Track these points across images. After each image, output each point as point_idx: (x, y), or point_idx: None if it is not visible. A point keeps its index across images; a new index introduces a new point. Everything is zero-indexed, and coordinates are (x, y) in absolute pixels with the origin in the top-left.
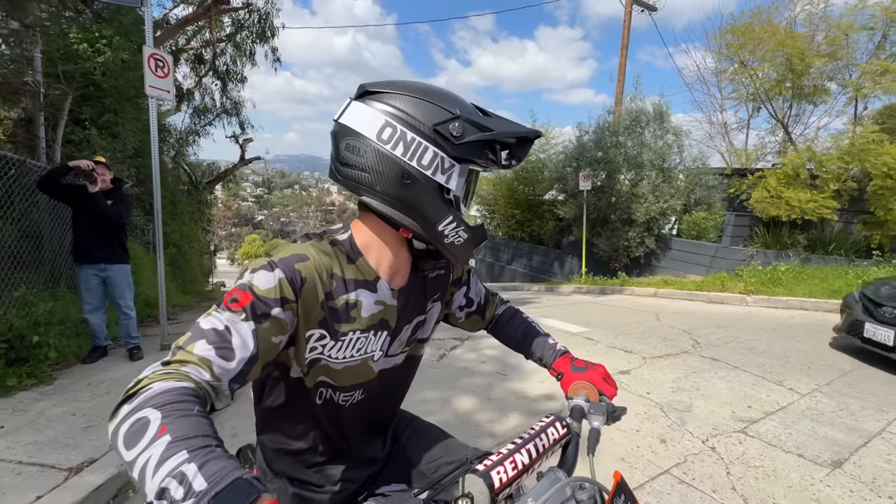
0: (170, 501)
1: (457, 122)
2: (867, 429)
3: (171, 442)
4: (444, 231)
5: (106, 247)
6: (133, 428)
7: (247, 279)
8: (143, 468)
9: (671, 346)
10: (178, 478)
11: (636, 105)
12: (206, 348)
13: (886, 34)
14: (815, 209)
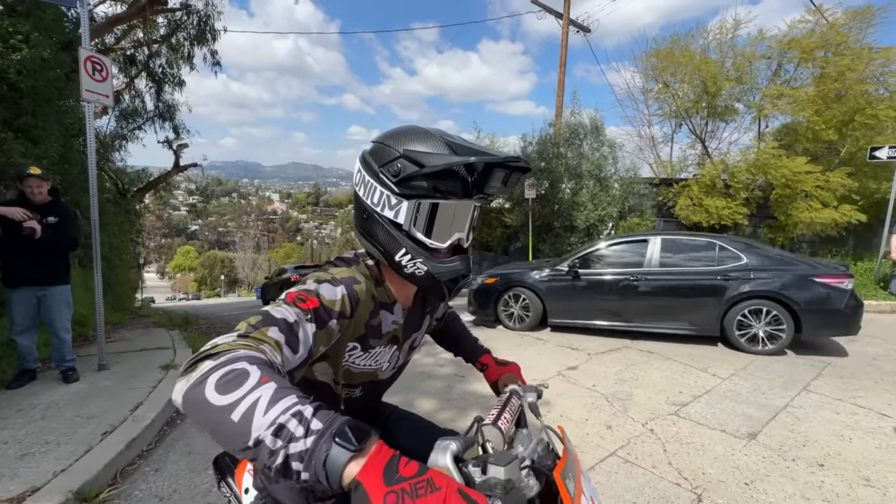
0: (287, 437)
1: (398, 161)
2: (775, 404)
3: (277, 388)
4: (402, 262)
5: (44, 268)
6: (229, 376)
7: (312, 286)
8: (252, 406)
9: (612, 342)
10: (297, 417)
11: (575, 119)
12: (280, 336)
13: (781, 63)
14: (729, 215)
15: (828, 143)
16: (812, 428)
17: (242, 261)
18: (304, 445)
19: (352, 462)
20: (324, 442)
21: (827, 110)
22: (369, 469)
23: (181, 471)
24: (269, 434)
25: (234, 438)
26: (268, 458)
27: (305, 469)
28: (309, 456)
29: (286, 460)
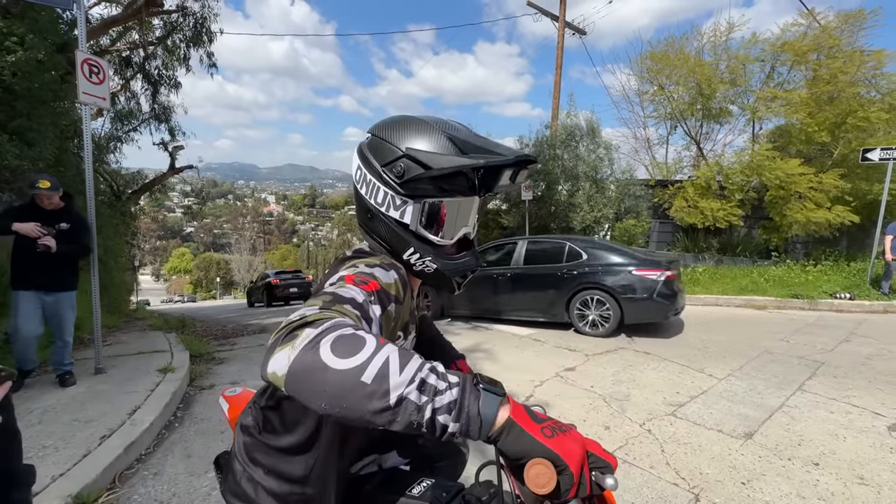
0: (432, 391)
1: (401, 161)
2: (770, 404)
3: (400, 349)
4: (410, 260)
5: (54, 273)
6: (343, 340)
7: (365, 269)
8: (384, 366)
9: (609, 343)
10: (434, 372)
11: (571, 121)
12: (355, 312)
13: (774, 66)
14: (724, 217)
15: (821, 145)
16: (807, 427)
17: (238, 263)
18: (452, 396)
19: (502, 407)
20: (470, 392)
21: (820, 112)
22: (517, 412)
23: (180, 474)
24: (413, 390)
25: (368, 401)
26: (413, 415)
27: (455, 419)
28: (459, 406)
29: (433, 414)
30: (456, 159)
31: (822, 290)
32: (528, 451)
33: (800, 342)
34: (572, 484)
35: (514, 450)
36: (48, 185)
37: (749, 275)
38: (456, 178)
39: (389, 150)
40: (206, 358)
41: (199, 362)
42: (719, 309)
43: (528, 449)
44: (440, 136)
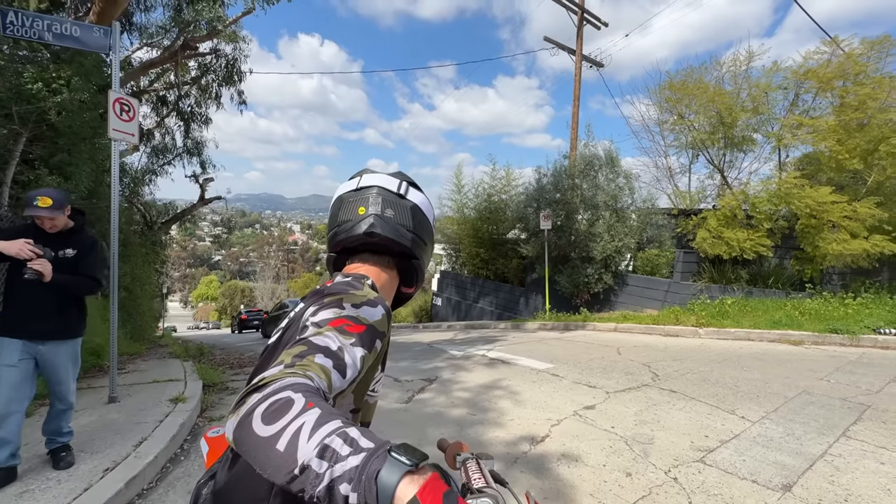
0: (333, 457)
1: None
2: (811, 452)
3: (322, 413)
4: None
5: (54, 318)
6: (274, 406)
7: (351, 312)
8: (296, 433)
9: (632, 379)
10: (342, 437)
11: (589, 150)
12: (326, 361)
13: (798, 93)
14: (751, 247)
15: (853, 173)
16: (854, 480)
17: (262, 290)
18: (355, 462)
19: (406, 478)
20: (376, 458)
21: (849, 139)
22: (429, 491)
23: None
24: (314, 457)
25: (280, 468)
26: (313, 483)
27: (354, 489)
28: (359, 473)
29: (331, 483)
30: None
31: (864, 324)
32: None
33: (842, 382)
34: None
35: None
36: (48, 202)
37: (783, 307)
38: None
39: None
40: (220, 387)
41: (211, 392)
42: (751, 344)
43: None
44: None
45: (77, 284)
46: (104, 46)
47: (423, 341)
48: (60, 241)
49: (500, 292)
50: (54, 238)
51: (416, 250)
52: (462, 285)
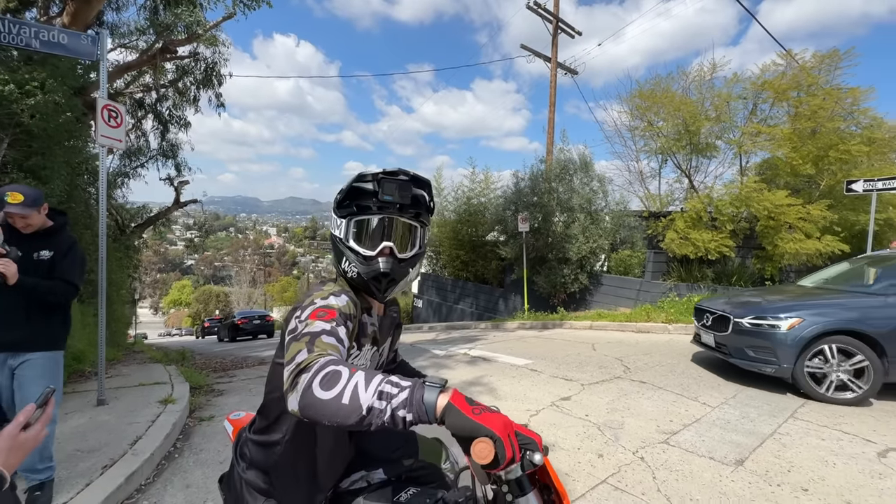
0: (388, 397)
1: (339, 194)
2: (763, 431)
3: (366, 373)
4: (344, 268)
5: (23, 327)
6: (327, 377)
7: (321, 303)
8: (354, 390)
9: (606, 372)
10: (389, 383)
11: (564, 155)
12: (329, 339)
13: (756, 103)
14: (716, 248)
15: (807, 177)
16: (798, 454)
17: (238, 295)
18: (404, 395)
19: (441, 395)
20: (417, 389)
21: (803, 146)
22: (456, 398)
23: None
24: (375, 400)
25: (350, 414)
26: (380, 416)
27: (409, 411)
28: (409, 401)
29: (393, 412)
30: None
31: None
32: (462, 426)
33: None
34: (504, 452)
35: (455, 426)
36: (19, 198)
37: None
38: (361, 197)
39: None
40: (206, 390)
41: (198, 394)
42: None
43: (463, 424)
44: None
45: (50, 289)
46: (91, 54)
47: (406, 342)
48: (36, 243)
49: (481, 293)
50: (29, 239)
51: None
52: (443, 287)
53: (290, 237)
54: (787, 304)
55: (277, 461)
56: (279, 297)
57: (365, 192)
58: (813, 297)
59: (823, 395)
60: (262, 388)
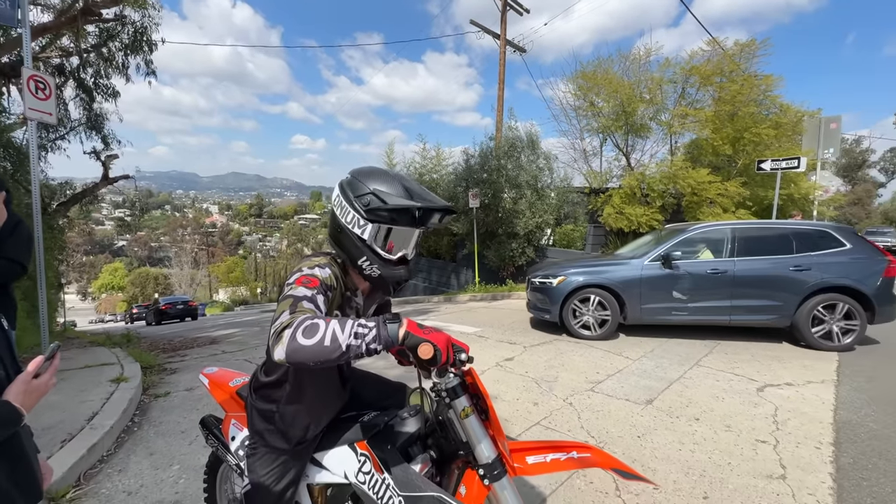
0: (361, 336)
1: (368, 195)
2: (671, 377)
3: (339, 320)
4: (363, 265)
5: None
6: (307, 329)
7: (307, 271)
8: (333, 334)
9: (546, 335)
10: (360, 326)
11: (513, 133)
12: (309, 305)
13: (685, 87)
14: (647, 221)
15: (727, 157)
16: (696, 393)
17: (179, 277)
18: (374, 333)
19: (400, 327)
20: (382, 327)
21: (723, 128)
22: (411, 326)
23: (145, 469)
24: (351, 339)
25: (332, 352)
26: (356, 350)
27: (378, 343)
28: (378, 336)
29: (367, 346)
30: (404, 201)
31: None
32: (415, 341)
33: (704, 328)
34: (441, 352)
35: (411, 343)
36: None
37: None
38: (403, 213)
39: (361, 187)
40: (158, 369)
41: (150, 374)
42: None
43: (415, 340)
44: (398, 184)
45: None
46: (11, 18)
47: None
48: None
49: (434, 268)
50: None
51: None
52: None
53: (234, 215)
54: (562, 267)
55: (281, 399)
56: (225, 279)
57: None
58: (586, 261)
59: (578, 332)
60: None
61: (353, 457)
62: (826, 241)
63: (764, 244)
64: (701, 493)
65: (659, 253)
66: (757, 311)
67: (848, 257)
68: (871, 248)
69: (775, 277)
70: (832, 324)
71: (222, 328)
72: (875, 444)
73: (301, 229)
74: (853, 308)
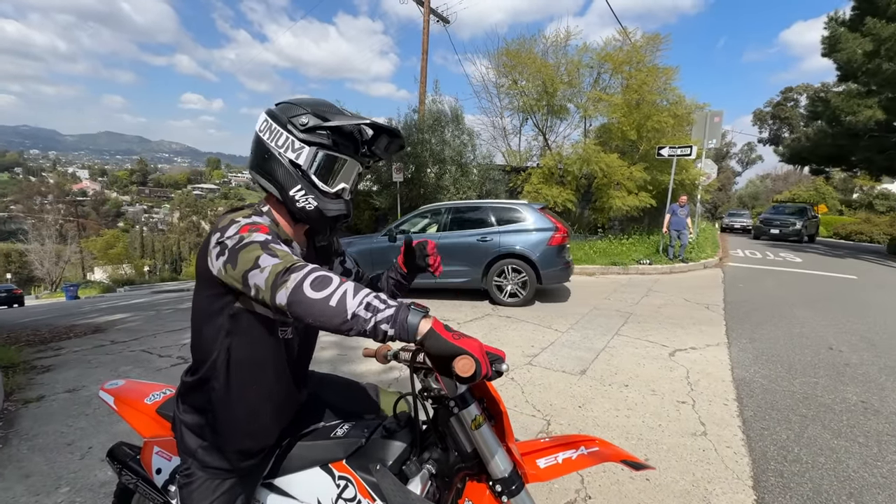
0: (374, 309)
1: (306, 115)
2: (597, 347)
3: (355, 285)
4: (295, 196)
5: None
6: (318, 280)
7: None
8: (343, 295)
9: (477, 311)
10: (376, 298)
11: (437, 106)
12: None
13: (600, 72)
14: (563, 201)
15: (631, 142)
16: (621, 361)
17: (40, 254)
18: (389, 312)
19: (423, 320)
20: (402, 310)
21: (630, 115)
22: (437, 325)
23: (20, 497)
24: (361, 309)
25: (335, 316)
26: (362, 324)
27: (391, 326)
28: (394, 318)
29: (376, 324)
30: (348, 118)
31: (632, 258)
32: (442, 348)
33: (617, 299)
34: (481, 367)
35: (435, 348)
36: None
37: (583, 248)
38: (346, 138)
39: (297, 109)
40: (24, 367)
41: (13, 373)
42: None
43: (443, 347)
44: (336, 107)
45: None
46: None
47: None
48: None
49: None
50: None
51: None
52: None
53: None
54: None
55: (213, 403)
56: (103, 255)
57: (344, 131)
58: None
59: None
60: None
61: (329, 481)
62: (514, 215)
63: (468, 219)
64: (642, 455)
65: (389, 228)
66: (457, 274)
67: (525, 229)
68: (544, 220)
69: (468, 245)
70: (510, 284)
71: (106, 313)
72: (767, 398)
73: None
74: (525, 270)
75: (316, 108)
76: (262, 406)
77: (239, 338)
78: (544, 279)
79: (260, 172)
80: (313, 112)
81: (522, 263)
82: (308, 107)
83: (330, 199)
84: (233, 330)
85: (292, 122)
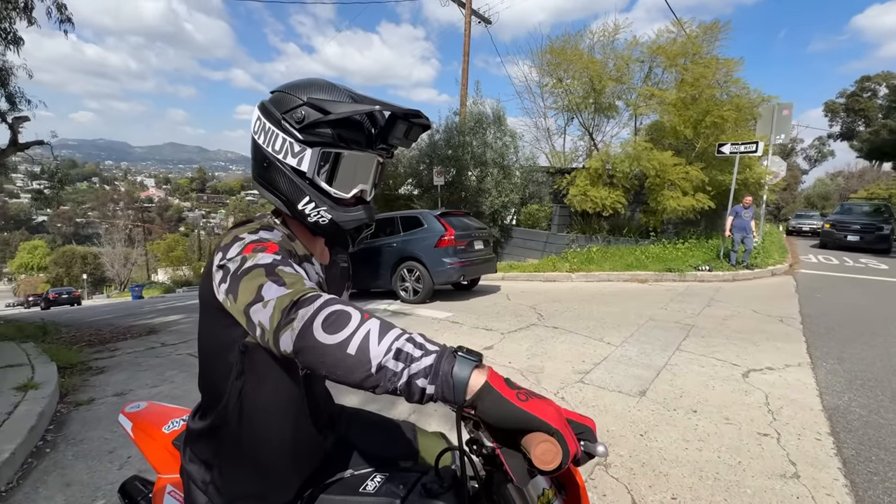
0: (408, 359)
1: (302, 108)
2: (657, 364)
3: (382, 322)
4: (305, 210)
5: None
6: (332, 317)
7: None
8: (364, 339)
9: (522, 320)
10: (410, 341)
11: (478, 108)
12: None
13: (651, 67)
14: (611, 203)
15: (686, 140)
16: (685, 381)
17: (111, 256)
18: (429, 361)
19: (475, 371)
20: (447, 358)
21: (686, 111)
22: (494, 377)
23: None
24: (389, 358)
25: (355, 369)
26: (392, 380)
27: (431, 382)
28: (435, 371)
29: (410, 379)
30: (353, 105)
31: (689, 263)
32: (505, 415)
33: (675, 309)
34: (569, 452)
35: (492, 414)
36: None
37: (633, 253)
38: (353, 128)
39: (291, 100)
40: (81, 368)
41: (70, 374)
42: (611, 283)
43: (506, 413)
44: (341, 90)
45: None
46: None
47: None
48: None
49: None
50: None
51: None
52: None
53: (174, 189)
54: None
55: (221, 451)
56: (165, 258)
57: (351, 122)
58: None
59: None
60: (151, 362)
61: None
62: (416, 222)
63: (389, 227)
64: (721, 499)
65: None
66: (375, 277)
67: (421, 234)
68: (437, 225)
69: (380, 251)
70: (410, 283)
71: (162, 314)
72: (870, 433)
73: (248, 205)
74: (420, 271)
75: (313, 96)
76: (280, 460)
77: (253, 379)
78: (435, 277)
79: (262, 183)
80: (310, 103)
81: (416, 264)
82: (303, 95)
83: (346, 208)
84: (245, 369)
85: (287, 119)
